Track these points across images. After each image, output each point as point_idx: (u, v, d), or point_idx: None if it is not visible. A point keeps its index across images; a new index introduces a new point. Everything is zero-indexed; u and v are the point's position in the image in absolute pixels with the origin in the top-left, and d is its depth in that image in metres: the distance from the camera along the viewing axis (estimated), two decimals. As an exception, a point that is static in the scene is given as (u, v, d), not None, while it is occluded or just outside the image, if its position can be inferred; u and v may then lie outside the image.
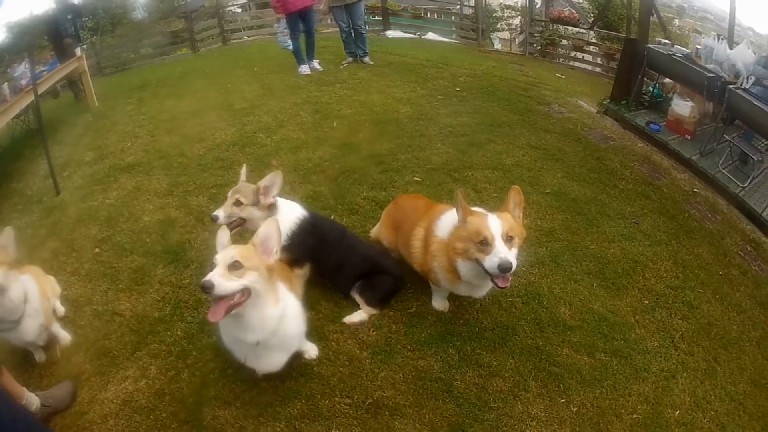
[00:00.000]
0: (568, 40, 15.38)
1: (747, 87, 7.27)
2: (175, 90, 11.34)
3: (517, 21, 22.78)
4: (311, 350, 4.06)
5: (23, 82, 9.42)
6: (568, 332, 4.28)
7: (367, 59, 11.74)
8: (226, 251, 3.07)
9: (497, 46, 21.47)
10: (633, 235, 5.71)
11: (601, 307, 4.57)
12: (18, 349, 4.24)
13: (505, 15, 23.64)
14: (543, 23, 15.89)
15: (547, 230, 5.55)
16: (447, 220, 3.96)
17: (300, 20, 10.92)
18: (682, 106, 8.27)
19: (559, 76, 12.98)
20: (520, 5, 22.53)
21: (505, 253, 3.42)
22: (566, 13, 15.47)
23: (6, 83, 9.55)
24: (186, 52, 18.18)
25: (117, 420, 3.78)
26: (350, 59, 11.86)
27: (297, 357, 3.86)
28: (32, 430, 3.22)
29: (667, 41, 9.42)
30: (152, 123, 9.30)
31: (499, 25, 23.27)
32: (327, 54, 12.28)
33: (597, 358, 4.11)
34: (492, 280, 3.55)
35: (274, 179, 4.28)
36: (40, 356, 4.31)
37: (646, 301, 4.76)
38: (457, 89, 9.93)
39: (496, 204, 4.10)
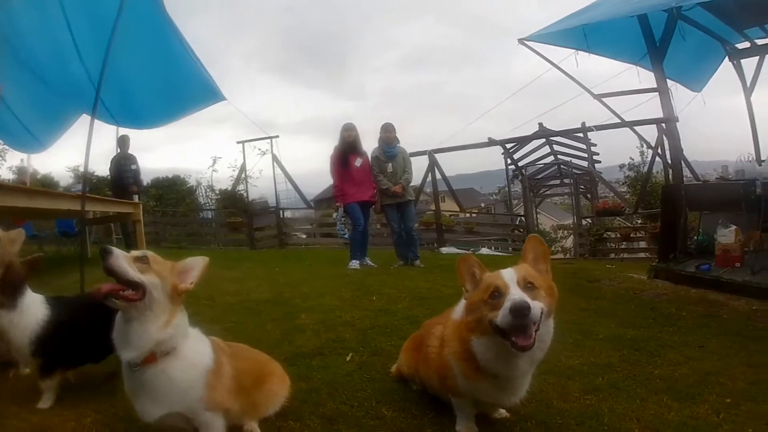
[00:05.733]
0: (615, 232, 14.75)
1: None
2: (225, 264, 10.97)
3: (570, 241, 22.17)
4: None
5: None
6: (643, 443, 3.18)
7: (417, 262, 10.99)
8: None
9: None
10: (699, 356, 4.79)
11: (676, 416, 3.55)
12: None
13: (559, 236, 23.18)
14: (590, 218, 15.40)
15: (602, 365, 4.56)
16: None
17: (360, 212, 10.71)
18: (727, 234, 7.88)
19: (609, 266, 12.04)
20: (572, 224, 22.08)
21: (519, 295, 2.61)
22: (610, 203, 15.01)
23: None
24: (243, 247, 18.44)
25: None
26: (401, 262, 11.13)
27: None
28: None
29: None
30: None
31: (553, 248, 22.65)
32: (376, 259, 11.57)
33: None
34: (511, 343, 2.64)
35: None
36: None
37: (728, 400, 3.75)
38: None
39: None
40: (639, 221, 15.24)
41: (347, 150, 10.68)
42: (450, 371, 3.12)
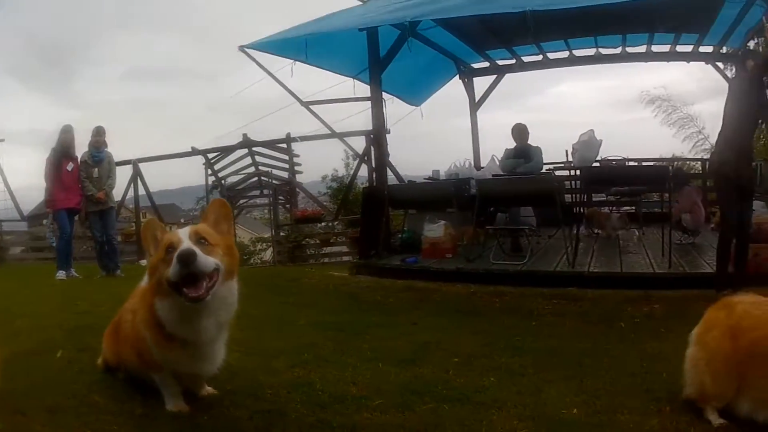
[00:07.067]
0: (314, 239, 15.04)
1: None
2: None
3: (269, 254, 22.18)
4: None
5: None
6: (363, 400, 3.32)
7: (119, 272, 10.42)
8: None
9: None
10: (413, 331, 5.08)
11: (397, 377, 3.72)
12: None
13: (257, 248, 23.11)
14: (288, 227, 15.52)
15: (307, 344, 4.67)
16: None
17: (67, 220, 10.10)
18: (435, 229, 8.29)
19: (309, 269, 12.26)
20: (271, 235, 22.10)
21: (188, 244, 2.61)
22: (310, 211, 15.25)
23: None
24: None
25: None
26: (104, 273, 10.48)
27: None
28: None
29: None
30: None
31: (252, 261, 22.58)
32: (82, 271, 10.77)
33: (424, 408, 3.21)
34: (184, 296, 2.60)
35: None
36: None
37: (456, 360, 4.07)
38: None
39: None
40: (339, 228, 15.66)
41: (63, 153, 10.08)
42: (144, 342, 3.02)
